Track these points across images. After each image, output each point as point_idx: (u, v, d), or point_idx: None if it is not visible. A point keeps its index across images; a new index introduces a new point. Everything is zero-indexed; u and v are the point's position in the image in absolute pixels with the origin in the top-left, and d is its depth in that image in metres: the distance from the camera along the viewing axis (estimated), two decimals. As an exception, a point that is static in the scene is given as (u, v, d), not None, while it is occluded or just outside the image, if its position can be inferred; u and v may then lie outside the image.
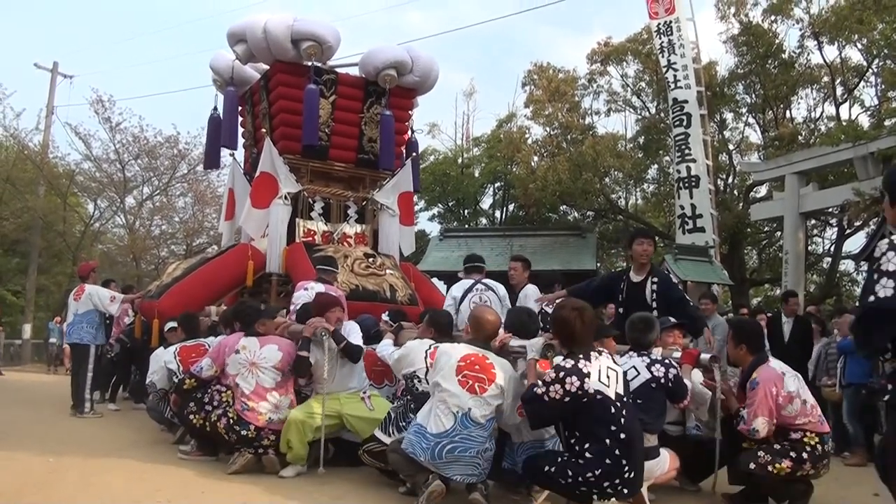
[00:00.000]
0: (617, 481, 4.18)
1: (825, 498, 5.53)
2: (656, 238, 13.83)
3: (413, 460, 4.51)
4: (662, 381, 4.93)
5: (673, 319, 5.86)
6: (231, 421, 5.59)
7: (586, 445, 4.22)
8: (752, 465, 4.86)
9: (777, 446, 4.94)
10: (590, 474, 4.16)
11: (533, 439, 4.76)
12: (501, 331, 5.12)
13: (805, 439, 4.96)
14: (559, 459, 4.32)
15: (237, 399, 5.65)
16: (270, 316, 6.20)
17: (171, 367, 6.78)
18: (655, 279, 6.32)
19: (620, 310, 6.39)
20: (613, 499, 4.24)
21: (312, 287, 7.11)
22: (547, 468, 4.33)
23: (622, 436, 4.20)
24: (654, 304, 6.16)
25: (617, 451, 4.17)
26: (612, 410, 4.23)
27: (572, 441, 4.32)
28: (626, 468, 4.19)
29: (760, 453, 4.89)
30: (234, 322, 6.53)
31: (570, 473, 4.21)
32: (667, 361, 5.06)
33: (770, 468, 4.84)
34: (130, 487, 4.99)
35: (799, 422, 4.97)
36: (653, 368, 4.95)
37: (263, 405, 5.60)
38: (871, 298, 2.84)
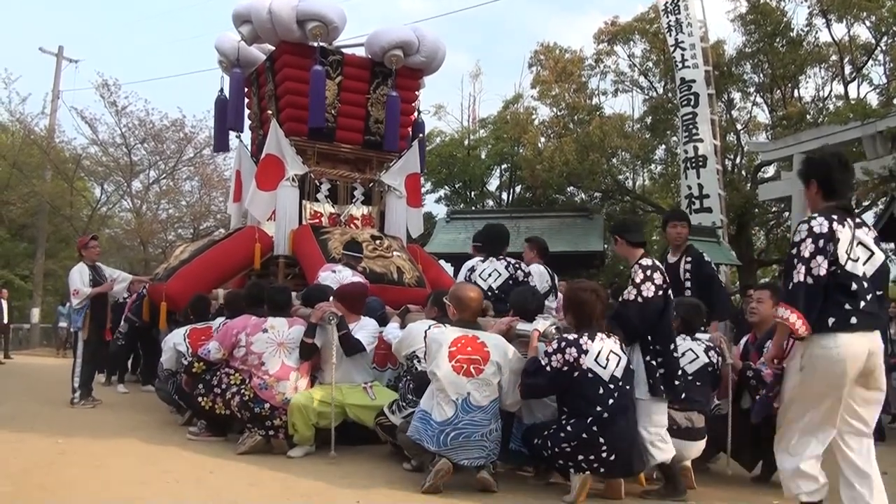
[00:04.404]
0: (591, 457, 4.28)
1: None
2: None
3: (421, 444, 4.52)
4: (716, 364, 5.12)
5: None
6: (246, 398, 5.62)
7: (572, 420, 4.37)
8: None
9: None
10: (566, 445, 4.31)
11: (545, 419, 4.74)
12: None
13: None
14: (545, 432, 4.45)
15: (257, 376, 5.67)
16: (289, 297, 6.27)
17: (181, 349, 6.81)
18: (689, 259, 6.34)
19: None
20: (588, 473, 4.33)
21: (340, 270, 7.08)
22: (535, 440, 4.49)
23: (605, 415, 4.31)
24: (688, 284, 6.20)
25: (595, 428, 4.28)
26: (601, 391, 4.34)
27: (562, 417, 4.46)
28: (604, 448, 4.28)
29: None
30: (241, 304, 6.56)
31: (549, 445, 4.38)
32: (717, 349, 5.18)
33: None
34: (139, 469, 5.02)
35: None
36: (709, 354, 5.11)
37: (283, 384, 5.61)
38: None
